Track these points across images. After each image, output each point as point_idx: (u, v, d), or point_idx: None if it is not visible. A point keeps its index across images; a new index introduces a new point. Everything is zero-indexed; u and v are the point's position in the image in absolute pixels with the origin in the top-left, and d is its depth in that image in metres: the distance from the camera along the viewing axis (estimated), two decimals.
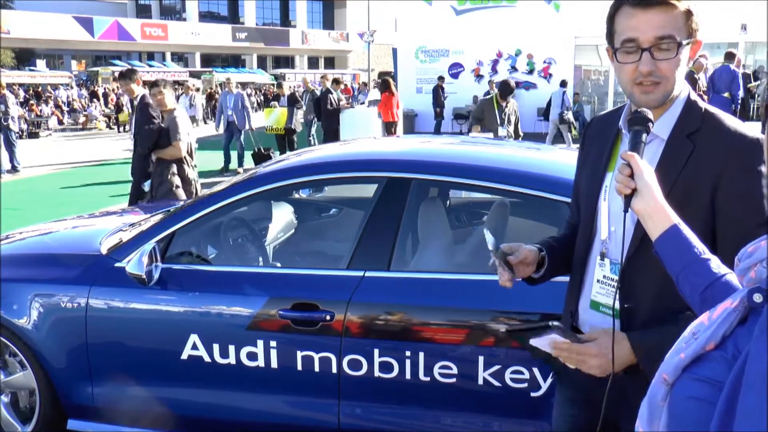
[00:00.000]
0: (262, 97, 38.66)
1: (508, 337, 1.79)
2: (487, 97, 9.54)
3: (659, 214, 1.42)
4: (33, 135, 23.35)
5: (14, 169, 14.05)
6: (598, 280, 1.75)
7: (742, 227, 1.52)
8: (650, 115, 1.56)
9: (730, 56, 11.71)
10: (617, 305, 1.64)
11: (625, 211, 1.48)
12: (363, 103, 21.02)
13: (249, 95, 29.86)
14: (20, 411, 3.47)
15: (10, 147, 14.02)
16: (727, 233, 1.56)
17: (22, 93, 29.77)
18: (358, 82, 44.23)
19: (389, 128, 15.40)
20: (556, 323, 1.65)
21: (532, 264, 1.85)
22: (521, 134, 9.46)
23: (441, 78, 19.96)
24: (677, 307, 1.48)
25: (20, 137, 16.86)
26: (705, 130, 1.61)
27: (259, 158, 12.98)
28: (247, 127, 14.00)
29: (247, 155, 13.90)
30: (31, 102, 26.35)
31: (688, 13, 1.58)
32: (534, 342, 1.69)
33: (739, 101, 11.53)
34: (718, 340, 1.02)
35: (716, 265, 1.33)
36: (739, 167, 1.55)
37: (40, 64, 43.92)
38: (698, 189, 1.57)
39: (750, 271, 1.05)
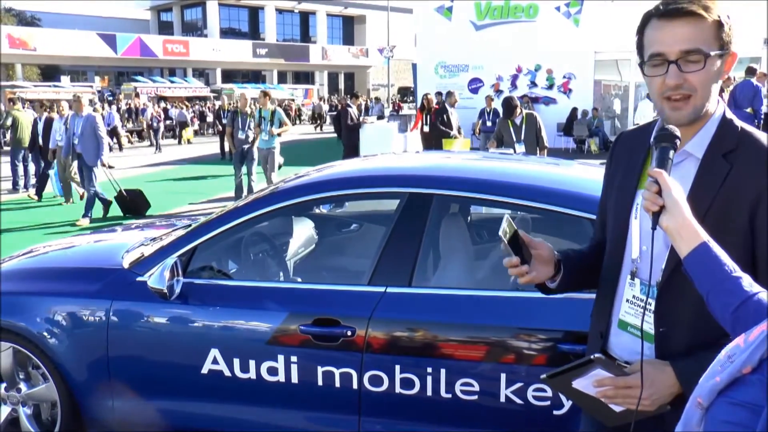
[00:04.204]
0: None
1: (548, 383, 1.71)
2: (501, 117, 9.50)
3: (688, 232, 1.38)
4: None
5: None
6: (627, 300, 1.71)
7: None
8: (677, 131, 1.52)
9: (751, 71, 11.61)
10: (646, 327, 1.60)
11: (653, 228, 1.44)
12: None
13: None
14: (42, 423, 3.49)
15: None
16: None
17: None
18: (311, 96, 43.23)
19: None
20: (598, 355, 1.59)
21: (548, 263, 1.77)
22: (546, 146, 9.32)
23: (443, 94, 19.95)
24: (714, 333, 1.43)
25: None
26: (742, 150, 1.56)
27: (125, 203, 10.56)
28: (99, 164, 10.29)
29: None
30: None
31: (719, 25, 1.54)
32: (577, 384, 1.62)
33: (762, 116, 11.41)
34: (755, 363, 0.99)
35: (748, 283, 1.30)
36: None
37: (65, 80, 44.56)
38: (736, 211, 1.52)
39: None
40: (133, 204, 10.58)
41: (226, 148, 18.36)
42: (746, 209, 1.51)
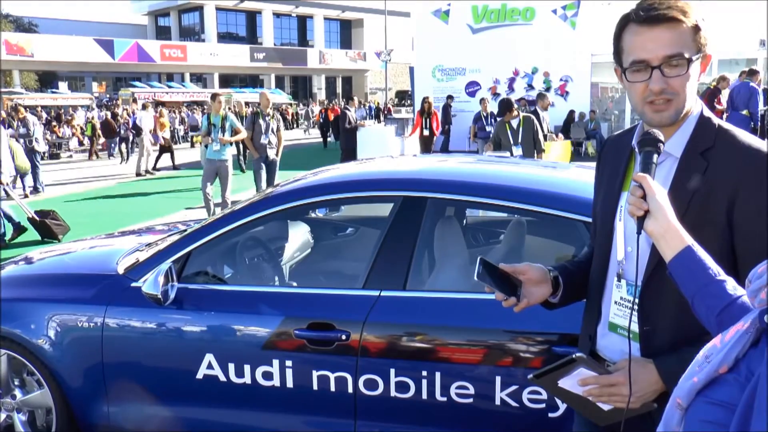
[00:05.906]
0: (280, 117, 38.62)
1: (536, 383, 1.72)
2: (499, 119, 9.49)
3: (672, 236, 1.40)
4: (54, 156, 23.66)
5: (36, 190, 14.22)
6: (615, 302, 1.72)
7: (764, 242, 1.49)
8: (660, 135, 1.54)
9: (751, 73, 11.62)
10: (633, 327, 1.61)
11: (638, 233, 1.46)
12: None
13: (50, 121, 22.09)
14: (37, 429, 3.49)
15: (34, 169, 14.16)
16: (748, 250, 1.52)
17: (44, 115, 30.17)
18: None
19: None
20: (579, 354, 1.60)
21: (541, 283, 1.81)
22: (543, 149, 9.32)
23: (450, 97, 19.35)
24: (697, 330, 1.44)
25: (42, 158, 17.03)
26: (719, 147, 1.58)
27: (40, 227, 9.25)
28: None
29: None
30: (53, 124, 26.69)
31: (696, 29, 1.55)
32: (563, 384, 1.64)
33: (759, 118, 11.42)
34: (731, 362, 1.00)
35: (732, 286, 1.31)
36: (756, 182, 1.51)
37: (62, 86, 44.59)
38: (714, 206, 1.54)
39: (761, 292, 1.03)
40: (45, 227, 9.28)
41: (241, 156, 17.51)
42: (724, 203, 1.53)
